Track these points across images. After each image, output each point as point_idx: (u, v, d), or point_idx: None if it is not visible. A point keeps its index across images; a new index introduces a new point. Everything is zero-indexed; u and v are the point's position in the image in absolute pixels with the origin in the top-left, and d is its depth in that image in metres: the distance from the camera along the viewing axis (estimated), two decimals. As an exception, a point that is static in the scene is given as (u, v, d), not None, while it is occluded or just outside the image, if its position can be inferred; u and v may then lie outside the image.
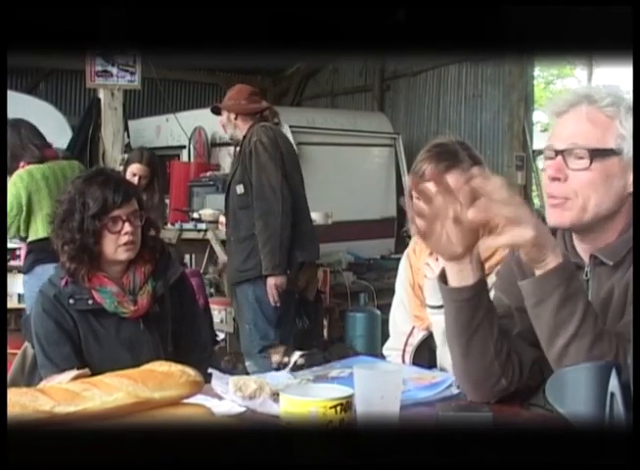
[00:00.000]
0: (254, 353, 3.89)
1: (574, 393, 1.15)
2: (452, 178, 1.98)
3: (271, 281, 3.77)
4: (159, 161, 4.78)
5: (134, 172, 4.37)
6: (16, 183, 3.85)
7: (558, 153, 1.43)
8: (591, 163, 1.40)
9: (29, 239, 3.88)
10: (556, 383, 1.20)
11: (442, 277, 1.45)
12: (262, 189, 3.79)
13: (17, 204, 3.83)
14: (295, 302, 4.10)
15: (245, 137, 3.93)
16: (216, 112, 4.13)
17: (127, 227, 2.14)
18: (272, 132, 3.88)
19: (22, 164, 3.90)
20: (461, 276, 1.41)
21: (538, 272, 1.32)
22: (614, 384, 1.10)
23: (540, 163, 1.77)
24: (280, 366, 1.88)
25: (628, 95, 1.45)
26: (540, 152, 1.72)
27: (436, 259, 1.96)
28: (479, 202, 1.29)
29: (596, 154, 1.39)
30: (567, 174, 1.42)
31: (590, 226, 1.45)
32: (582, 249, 1.50)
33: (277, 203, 3.76)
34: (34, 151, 3.90)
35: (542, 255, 1.30)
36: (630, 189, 1.42)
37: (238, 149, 4.06)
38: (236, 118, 4.01)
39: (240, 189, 3.91)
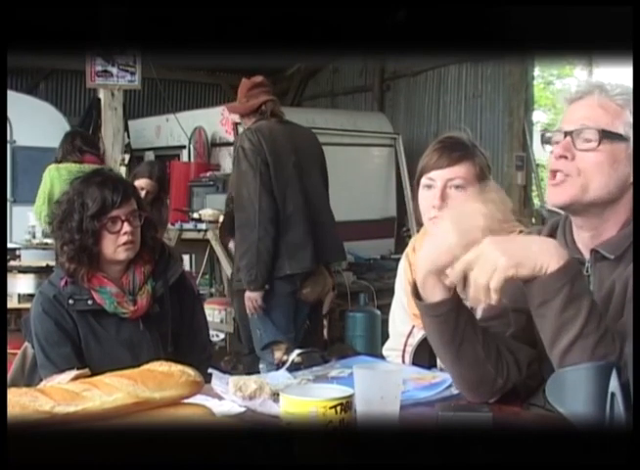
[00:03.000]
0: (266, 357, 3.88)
1: (574, 393, 1.15)
2: (463, 169, 1.98)
3: (248, 294, 3.73)
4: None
5: (142, 186, 4.31)
6: (44, 176, 4.65)
7: (567, 134, 1.44)
8: (599, 143, 1.41)
9: None
10: (556, 383, 1.20)
11: (416, 296, 1.46)
12: (241, 200, 3.72)
13: (42, 193, 4.51)
14: (305, 307, 4.08)
15: (234, 142, 3.93)
16: None
17: (126, 227, 2.14)
18: (257, 136, 3.73)
19: (62, 161, 4.77)
20: (437, 289, 1.42)
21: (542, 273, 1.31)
22: (614, 384, 1.09)
23: (547, 147, 1.76)
24: (280, 364, 1.88)
25: None
26: (548, 141, 1.70)
27: None
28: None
29: (605, 135, 1.41)
30: (574, 154, 1.43)
31: (589, 209, 1.45)
32: (583, 244, 1.50)
33: (254, 215, 3.66)
34: (78, 155, 4.76)
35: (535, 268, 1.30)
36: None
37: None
38: (242, 117, 4.01)
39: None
